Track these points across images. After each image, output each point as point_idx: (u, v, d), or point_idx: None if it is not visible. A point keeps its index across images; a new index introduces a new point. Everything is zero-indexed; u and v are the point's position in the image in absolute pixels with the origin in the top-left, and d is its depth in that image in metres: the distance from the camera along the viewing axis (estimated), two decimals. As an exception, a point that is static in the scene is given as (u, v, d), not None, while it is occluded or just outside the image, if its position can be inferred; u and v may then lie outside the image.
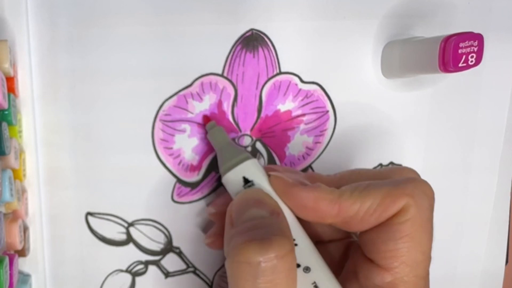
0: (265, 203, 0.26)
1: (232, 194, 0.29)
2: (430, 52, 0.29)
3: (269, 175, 0.28)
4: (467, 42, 0.28)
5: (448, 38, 0.28)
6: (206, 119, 0.31)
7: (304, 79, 0.32)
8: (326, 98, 0.33)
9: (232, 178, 0.28)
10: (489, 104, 0.36)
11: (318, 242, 0.28)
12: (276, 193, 0.27)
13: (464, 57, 0.28)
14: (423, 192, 0.26)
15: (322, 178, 0.28)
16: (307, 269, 0.26)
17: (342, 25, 0.32)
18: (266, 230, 0.24)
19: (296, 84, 0.32)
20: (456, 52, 0.28)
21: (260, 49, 0.31)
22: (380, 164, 0.35)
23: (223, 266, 0.34)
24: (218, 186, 0.33)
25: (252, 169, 0.28)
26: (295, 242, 0.26)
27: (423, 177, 0.35)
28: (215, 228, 0.31)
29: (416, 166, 0.35)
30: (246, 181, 0.28)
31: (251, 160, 0.28)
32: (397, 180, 0.26)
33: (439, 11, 0.33)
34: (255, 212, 0.26)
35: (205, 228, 0.33)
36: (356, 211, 0.25)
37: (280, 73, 0.32)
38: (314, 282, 0.26)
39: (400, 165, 0.35)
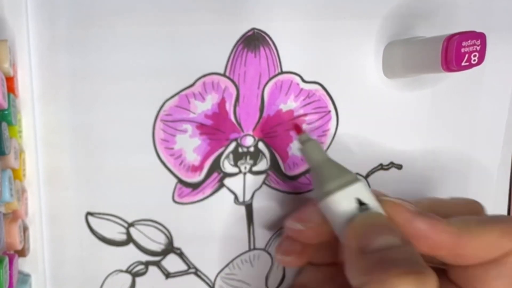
0: (396, 230, 0.25)
1: (336, 218, 0.27)
2: (433, 52, 0.29)
3: (380, 200, 0.27)
4: (469, 41, 0.28)
5: (450, 37, 0.28)
6: (298, 129, 0.29)
7: (306, 78, 0.32)
8: (327, 98, 0.33)
9: (342, 200, 0.26)
10: (489, 104, 0.36)
11: None
12: (393, 220, 0.26)
13: (466, 56, 0.28)
14: None
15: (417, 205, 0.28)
16: None
17: (343, 24, 0.32)
18: (412, 260, 0.24)
19: (298, 84, 0.32)
20: (459, 51, 0.28)
21: (261, 49, 0.31)
22: (381, 164, 0.35)
23: (225, 267, 0.34)
24: (221, 187, 0.32)
25: (366, 191, 0.27)
26: None
27: (422, 176, 0.36)
28: (295, 246, 0.30)
29: (416, 166, 0.35)
30: (361, 203, 0.26)
31: (363, 182, 0.27)
32: (506, 217, 0.27)
33: (441, 11, 0.33)
34: (390, 239, 0.25)
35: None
36: (475, 246, 0.25)
37: (282, 72, 0.31)
38: None
39: (400, 165, 0.35)
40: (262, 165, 0.33)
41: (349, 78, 0.33)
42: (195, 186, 0.32)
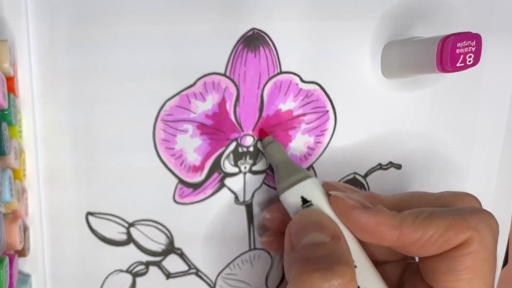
0: (326, 226, 0.27)
1: (290, 213, 0.29)
2: (429, 52, 0.29)
3: (329, 195, 0.28)
4: (464, 42, 0.28)
5: (446, 38, 0.28)
6: (263, 133, 0.32)
7: (305, 78, 0.32)
8: (326, 98, 0.33)
9: (290, 197, 0.29)
10: (489, 104, 0.36)
11: (374, 262, 0.29)
12: (336, 214, 0.28)
13: (461, 57, 0.28)
14: (488, 225, 0.26)
15: (382, 199, 0.29)
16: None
17: (342, 25, 0.32)
18: (329, 257, 0.25)
19: (297, 84, 0.32)
20: (453, 52, 0.28)
21: (261, 49, 0.31)
22: (380, 164, 0.35)
23: (226, 267, 0.34)
24: (221, 187, 0.32)
25: (311, 189, 0.28)
26: (355, 263, 0.27)
27: (421, 176, 0.36)
28: (270, 232, 0.32)
29: (415, 166, 0.35)
30: (305, 201, 0.28)
31: (310, 179, 0.29)
32: (461, 209, 0.27)
33: (440, 12, 0.33)
34: (316, 236, 0.26)
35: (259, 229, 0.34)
36: (417, 239, 0.26)
37: (281, 72, 0.31)
38: None
39: (399, 165, 0.35)
40: (262, 164, 0.33)
41: (347, 78, 0.33)
42: (196, 186, 0.32)
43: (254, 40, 0.31)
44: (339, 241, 0.26)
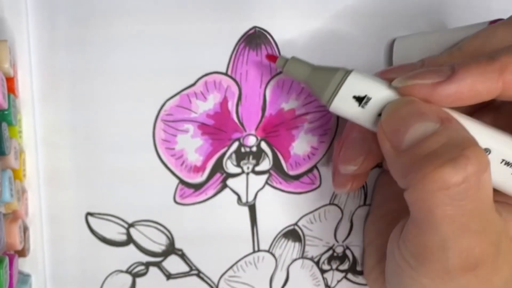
0: (427, 111, 0.22)
1: (356, 119, 0.25)
2: None
3: (395, 88, 0.24)
4: None
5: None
6: (272, 57, 0.28)
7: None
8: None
9: (342, 104, 0.25)
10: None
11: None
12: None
13: None
14: None
15: (446, 60, 0.25)
16: (487, 151, 0.23)
17: (344, 23, 0.31)
18: (450, 145, 0.21)
19: (299, 83, 0.31)
20: None
21: (263, 47, 0.31)
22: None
23: (229, 269, 0.33)
24: (224, 188, 0.32)
25: (359, 82, 0.24)
26: None
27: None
28: (347, 177, 0.30)
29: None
30: (359, 99, 0.24)
31: (352, 74, 0.25)
32: None
33: (440, 9, 0.32)
34: (422, 126, 0.22)
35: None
36: None
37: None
38: (503, 160, 0.23)
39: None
40: (265, 165, 0.32)
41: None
42: (197, 187, 0.32)
43: (255, 39, 0.30)
44: (451, 122, 0.22)
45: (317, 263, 0.35)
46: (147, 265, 0.32)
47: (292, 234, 0.34)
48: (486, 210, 0.22)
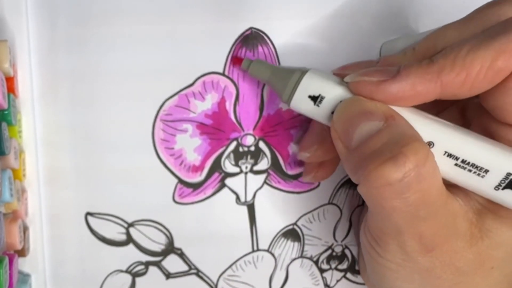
0: (372, 110, 0.24)
1: (313, 117, 0.26)
2: None
3: (346, 83, 0.25)
4: None
5: None
6: (236, 60, 0.30)
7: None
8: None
9: (300, 103, 0.26)
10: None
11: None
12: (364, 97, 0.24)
13: None
14: None
15: (399, 59, 0.26)
16: (430, 144, 0.24)
17: (340, 23, 0.31)
18: (391, 143, 0.22)
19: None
20: None
21: (259, 48, 0.31)
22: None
23: (227, 268, 0.34)
24: (222, 187, 0.32)
25: (313, 82, 0.26)
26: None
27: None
28: (312, 165, 0.31)
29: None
30: (314, 98, 0.26)
31: (307, 74, 0.26)
32: (505, 26, 0.23)
33: (435, 10, 0.32)
34: (367, 126, 0.23)
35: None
36: (462, 82, 0.23)
37: None
38: (446, 152, 0.24)
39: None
40: (263, 164, 0.32)
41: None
42: (196, 186, 0.32)
43: (252, 39, 0.31)
44: (394, 119, 0.23)
45: (316, 263, 0.35)
46: (147, 264, 0.32)
47: (291, 233, 0.34)
48: (434, 198, 0.23)
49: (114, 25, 0.30)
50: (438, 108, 0.28)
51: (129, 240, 0.32)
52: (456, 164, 0.24)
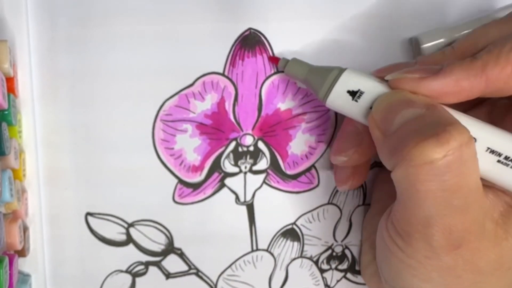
0: (415, 99, 0.24)
1: (350, 113, 0.27)
2: None
3: (386, 81, 0.25)
4: None
5: None
6: (274, 59, 0.30)
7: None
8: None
9: (337, 99, 0.26)
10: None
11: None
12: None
13: None
14: None
15: (438, 58, 0.26)
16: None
17: (338, 24, 0.31)
18: (434, 124, 0.22)
19: (295, 83, 0.32)
20: None
21: (257, 48, 0.31)
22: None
23: (227, 268, 0.34)
24: (222, 187, 0.32)
25: (353, 77, 0.26)
26: None
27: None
28: (347, 171, 0.30)
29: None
30: (353, 93, 0.26)
31: (347, 71, 0.26)
32: None
33: (437, 10, 0.32)
34: (409, 112, 0.23)
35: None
36: (508, 77, 0.23)
37: (278, 72, 0.31)
38: (488, 148, 0.24)
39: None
40: (262, 164, 0.32)
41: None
42: (196, 186, 0.32)
43: (250, 40, 0.31)
44: (436, 108, 0.23)
45: (316, 263, 0.35)
46: (147, 264, 0.32)
47: (291, 233, 0.34)
48: (470, 188, 0.23)
49: (114, 25, 0.30)
50: (464, 107, 0.27)
51: (129, 240, 0.32)
52: (499, 161, 0.24)
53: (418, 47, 0.32)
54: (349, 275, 0.35)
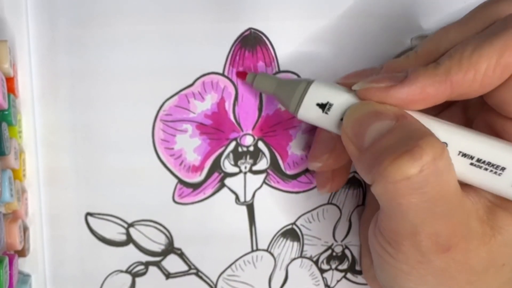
0: (382, 111, 0.24)
1: (322, 125, 0.27)
2: None
3: (353, 91, 0.25)
4: None
5: None
6: (241, 74, 0.30)
7: (303, 77, 0.32)
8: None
9: (308, 112, 0.26)
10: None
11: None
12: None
13: None
14: None
15: (403, 63, 0.26)
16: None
17: (340, 23, 0.31)
18: (406, 138, 0.22)
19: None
20: None
21: (258, 48, 0.31)
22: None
23: (227, 268, 0.34)
24: (222, 187, 0.32)
25: (321, 90, 0.26)
26: None
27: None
28: (326, 175, 0.31)
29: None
30: (322, 106, 0.26)
31: (314, 83, 0.26)
32: (507, 22, 0.23)
33: (437, 11, 0.32)
34: (379, 125, 0.23)
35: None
36: (471, 81, 0.23)
37: (279, 71, 0.31)
38: (460, 152, 0.24)
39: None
40: (262, 164, 0.32)
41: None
42: (195, 186, 0.32)
43: (251, 40, 0.31)
44: (406, 118, 0.23)
45: (316, 263, 0.35)
46: (147, 264, 0.32)
47: (291, 233, 0.34)
48: (450, 194, 0.23)
49: (114, 25, 0.30)
50: (439, 108, 0.28)
51: (129, 240, 0.32)
52: (471, 164, 0.24)
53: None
54: (349, 275, 0.36)
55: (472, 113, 0.28)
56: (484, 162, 0.24)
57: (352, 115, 0.25)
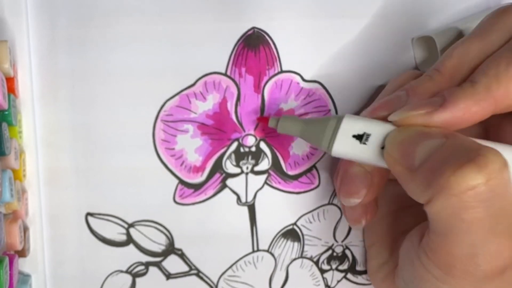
0: (430, 131, 0.23)
1: (360, 157, 0.26)
2: None
3: (390, 121, 0.25)
4: None
5: None
6: (263, 120, 0.30)
7: (306, 77, 0.32)
8: (327, 96, 0.32)
9: (343, 146, 0.26)
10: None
11: None
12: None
13: None
14: None
15: (429, 86, 0.25)
16: None
17: (343, 23, 0.31)
18: (464, 150, 0.21)
19: (298, 83, 0.32)
20: None
21: (261, 48, 0.31)
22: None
23: (228, 269, 0.34)
24: (223, 188, 0.32)
25: (355, 123, 0.26)
26: None
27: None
28: (359, 210, 0.29)
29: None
30: (359, 137, 0.26)
31: (346, 116, 0.26)
32: None
33: (438, 11, 0.32)
34: (430, 143, 0.23)
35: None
36: None
37: (282, 71, 0.31)
38: None
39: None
40: (264, 164, 0.32)
41: (348, 77, 0.32)
42: (197, 187, 0.32)
43: (254, 39, 0.31)
44: (455, 135, 0.23)
45: (316, 263, 0.35)
46: (147, 265, 0.32)
47: (291, 233, 0.34)
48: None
49: (115, 25, 0.30)
50: None
51: (129, 240, 0.32)
52: None
53: (419, 47, 0.32)
54: (349, 276, 0.35)
55: (494, 124, 0.27)
56: None
57: (397, 138, 0.24)
